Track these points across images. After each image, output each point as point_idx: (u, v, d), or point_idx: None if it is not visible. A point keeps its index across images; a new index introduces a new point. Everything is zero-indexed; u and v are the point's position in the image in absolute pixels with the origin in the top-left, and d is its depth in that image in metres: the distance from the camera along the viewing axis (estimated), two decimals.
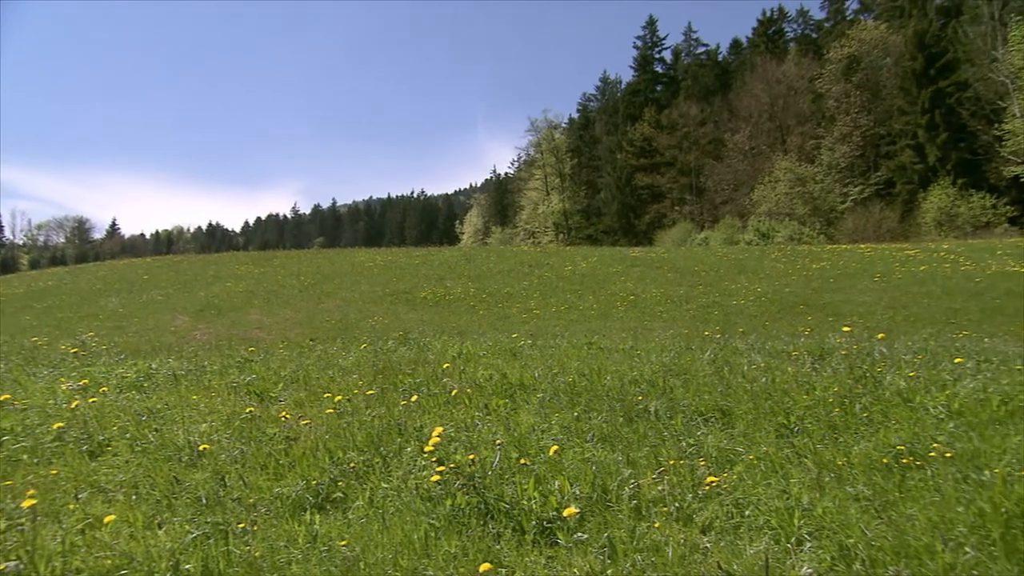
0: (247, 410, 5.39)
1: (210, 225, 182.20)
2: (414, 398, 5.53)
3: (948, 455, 3.60)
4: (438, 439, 4.11)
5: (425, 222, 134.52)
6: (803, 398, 4.95)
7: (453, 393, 5.64)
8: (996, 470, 3.30)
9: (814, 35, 67.99)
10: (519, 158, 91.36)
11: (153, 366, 7.82)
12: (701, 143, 63.98)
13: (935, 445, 3.76)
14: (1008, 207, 41.55)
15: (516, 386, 5.91)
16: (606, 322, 16.06)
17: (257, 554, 3.06)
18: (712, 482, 3.50)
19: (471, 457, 3.89)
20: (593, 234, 70.79)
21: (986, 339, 9.23)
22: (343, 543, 3.14)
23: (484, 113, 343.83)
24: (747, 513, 3.21)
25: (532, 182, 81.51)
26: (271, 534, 3.34)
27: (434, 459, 3.96)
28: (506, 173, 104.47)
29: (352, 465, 4.18)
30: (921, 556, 2.65)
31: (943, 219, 41.68)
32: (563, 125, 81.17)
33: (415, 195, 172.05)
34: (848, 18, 64.66)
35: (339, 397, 5.65)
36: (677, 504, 3.36)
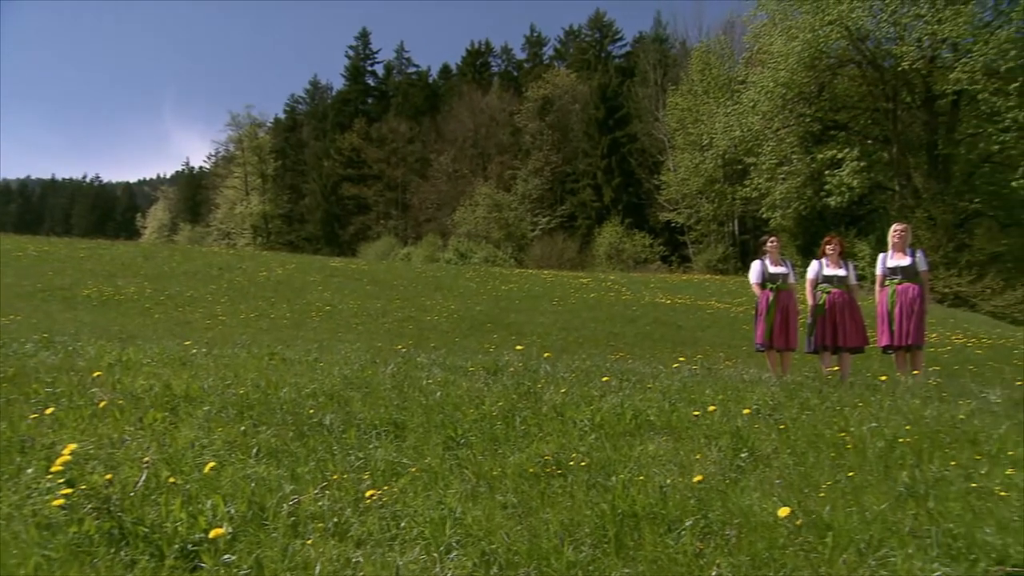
0: None
1: None
2: (49, 410, 4.79)
3: (584, 464, 4.02)
4: (69, 457, 3.58)
5: (99, 211, 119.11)
6: (472, 412, 5.20)
7: (101, 405, 5.00)
8: (620, 476, 3.76)
9: (515, 73, 73.70)
10: (216, 153, 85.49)
11: None
12: (409, 160, 65.57)
13: (575, 455, 4.17)
14: (661, 247, 49.05)
15: (181, 398, 5.41)
16: (299, 332, 15.55)
17: None
18: (373, 495, 3.51)
19: (108, 477, 3.46)
20: (295, 240, 68.64)
21: (631, 360, 10.61)
22: None
23: (174, 98, 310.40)
24: (403, 525, 3.26)
25: (231, 180, 76.62)
26: None
27: (62, 480, 3.45)
28: (201, 167, 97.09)
29: None
30: (550, 557, 2.91)
31: (612, 253, 47.54)
32: (268, 124, 77.77)
33: (88, 180, 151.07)
34: (545, 62, 71.44)
35: None
36: (335, 519, 3.30)
